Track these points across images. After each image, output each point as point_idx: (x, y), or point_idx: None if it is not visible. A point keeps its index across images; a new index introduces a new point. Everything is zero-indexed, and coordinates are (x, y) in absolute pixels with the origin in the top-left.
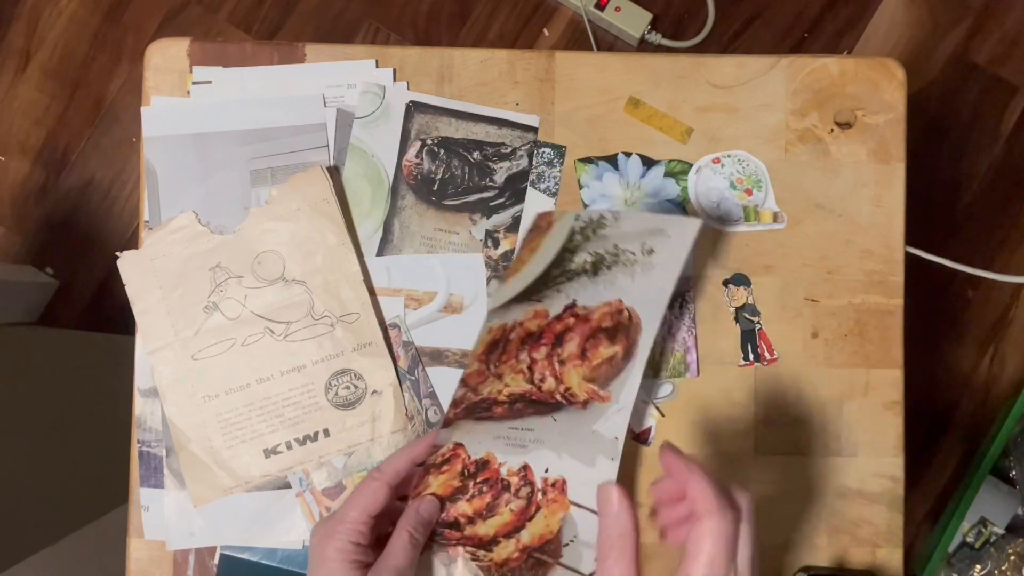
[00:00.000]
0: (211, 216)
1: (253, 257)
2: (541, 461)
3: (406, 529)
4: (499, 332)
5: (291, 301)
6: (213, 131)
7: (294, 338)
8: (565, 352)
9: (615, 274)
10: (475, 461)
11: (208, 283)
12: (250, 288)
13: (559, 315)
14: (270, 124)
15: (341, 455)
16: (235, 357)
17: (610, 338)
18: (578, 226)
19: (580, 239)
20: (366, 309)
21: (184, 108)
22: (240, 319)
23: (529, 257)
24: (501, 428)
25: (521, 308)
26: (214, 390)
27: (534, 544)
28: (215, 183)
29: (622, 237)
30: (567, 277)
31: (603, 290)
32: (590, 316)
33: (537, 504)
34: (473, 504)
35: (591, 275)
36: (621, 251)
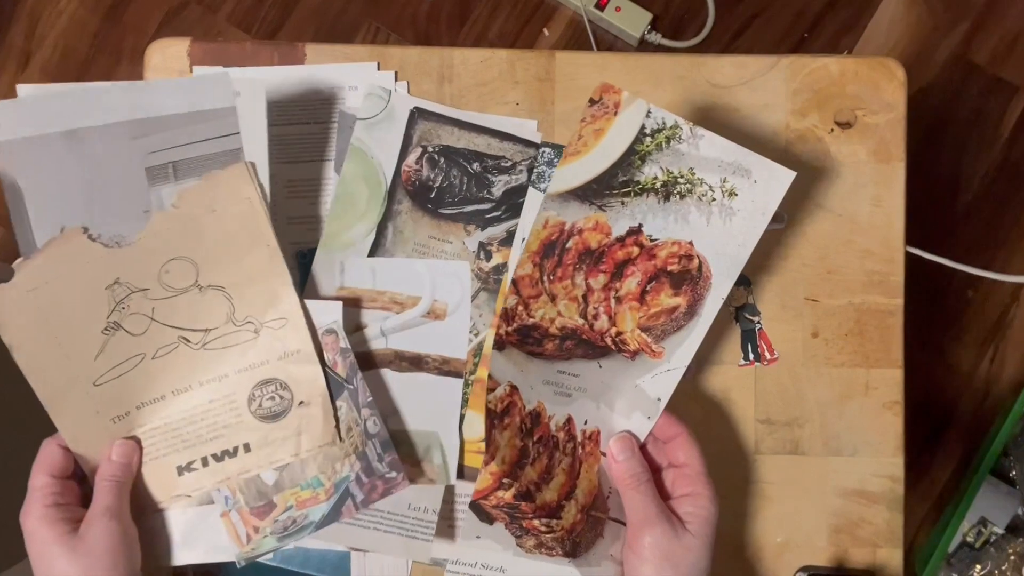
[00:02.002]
0: (102, 227)
1: (160, 266)
2: (582, 412)
3: (103, 478)
4: (556, 231)
5: (207, 308)
6: (90, 125)
7: (213, 346)
8: (624, 288)
9: (688, 207)
10: (530, 413)
11: (106, 303)
12: (158, 299)
13: (622, 238)
14: (165, 111)
15: (270, 471)
16: (145, 372)
17: (675, 285)
18: (650, 125)
19: (651, 144)
20: (294, 314)
21: (47, 100)
22: (148, 332)
23: (593, 141)
24: (550, 371)
25: (581, 209)
26: (123, 408)
27: (588, 502)
28: (102, 187)
29: (700, 162)
30: (635, 191)
31: (673, 223)
32: (656, 252)
33: (579, 459)
34: (536, 468)
35: (662, 199)
36: (697, 180)
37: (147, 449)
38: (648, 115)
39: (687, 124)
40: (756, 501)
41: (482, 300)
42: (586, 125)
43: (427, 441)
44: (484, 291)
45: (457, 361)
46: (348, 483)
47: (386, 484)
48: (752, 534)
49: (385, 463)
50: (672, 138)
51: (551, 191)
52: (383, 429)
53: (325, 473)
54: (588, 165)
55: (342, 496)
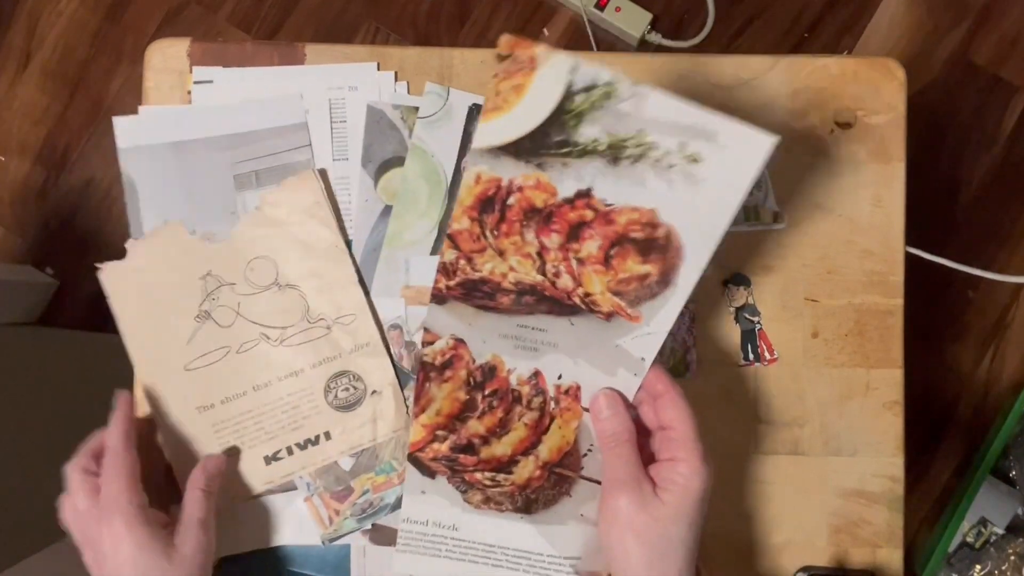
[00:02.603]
0: (198, 224)
1: (245, 263)
2: (554, 366)
3: (197, 488)
4: (492, 186)
5: (285, 306)
6: (191, 138)
7: (290, 343)
8: (584, 251)
9: (643, 172)
10: (481, 367)
11: (199, 292)
12: (243, 295)
13: (570, 199)
14: (249, 127)
15: (346, 457)
16: (230, 365)
17: (642, 253)
18: (580, 82)
19: (583, 103)
20: (362, 310)
21: (159, 117)
22: (234, 326)
23: (514, 97)
24: (508, 324)
25: (516, 166)
26: (209, 400)
27: (553, 459)
28: (198, 191)
29: (650, 124)
30: (576, 152)
31: (629, 188)
32: (614, 217)
33: (551, 415)
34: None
35: (610, 162)
36: (649, 143)
37: (233, 442)
38: (573, 71)
39: (626, 81)
40: (756, 501)
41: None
42: (501, 80)
43: None
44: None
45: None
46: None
47: None
48: (752, 534)
49: None
50: (610, 96)
51: (477, 146)
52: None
53: (397, 459)
54: (514, 122)
55: None
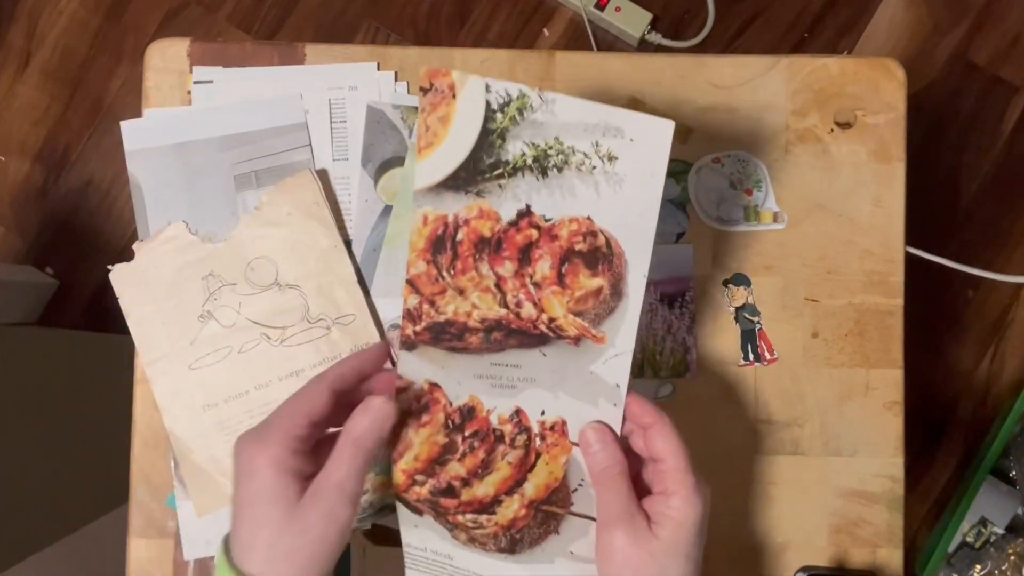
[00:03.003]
0: (200, 224)
1: (246, 264)
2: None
3: (355, 438)
4: (439, 225)
5: (286, 306)
6: (193, 139)
7: (291, 343)
8: (538, 273)
9: (570, 180)
10: (458, 409)
11: (202, 292)
12: (244, 295)
13: (514, 222)
14: (250, 128)
15: None
16: (232, 365)
17: (589, 266)
18: (495, 100)
19: (504, 120)
20: (361, 310)
21: (164, 119)
22: (235, 326)
23: (442, 129)
24: (481, 364)
25: (458, 200)
26: (213, 399)
27: (540, 496)
28: (200, 191)
29: (564, 129)
30: (507, 171)
31: (561, 199)
32: (556, 232)
33: (536, 451)
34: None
35: (539, 175)
36: (569, 149)
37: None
38: (488, 90)
39: (533, 91)
40: (756, 501)
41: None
42: (428, 115)
43: None
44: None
45: None
46: None
47: None
48: (752, 534)
49: None
50: (523, 108)
51: (418, 187)
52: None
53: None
54: (446, 154)
55: None
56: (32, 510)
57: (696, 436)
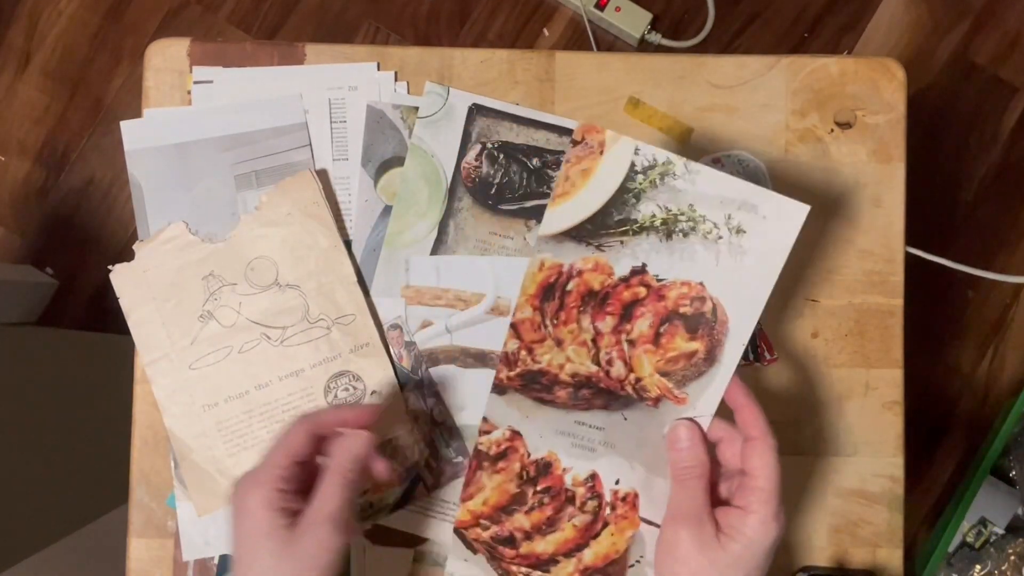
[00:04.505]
0: (200, 224)
1: (246, 264)
2: (612, 470)
3: (337, 470)
4: (553, 273)
5: (286, 306)
6: (194, 139)
7: (291, 343)
8: (635, 331)
9: (694, 246)
10: (536, 462)
11: (202, 292)
12: (244, 295)
13: (626, 278)
14: (250, 128)
15: None
16: (233, 364)
17: (689, 329)
18: (640, 162)
19: (644, 182)
20: (361, 310)
21: (164, 119)
22: (236, 326)
23: (581, 181)
24: (566, 421)
25: (577, 250)
26: (213, 399)
27: (597, 565)
28: (201, 191)
29: (700, 199)
30: (633, 229)
31: (679, 263)
32: (665, 292)
33: (605, 520)
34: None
35: (663, 237)
36: (700, 217)
37: (236, 440)
38: (637, 152)
39: (681, 160)
40: None
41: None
42: (572, 166)
43: None
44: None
45: None
46: (419, 468)
47: (454, 468)
48: None
49: (452, 449)
50: (666, 174)
51: (543, 233)
52: (449, 417)
53: (396, 459)
54: (579, 206)
55: (414, 481)
56: (32, 510)
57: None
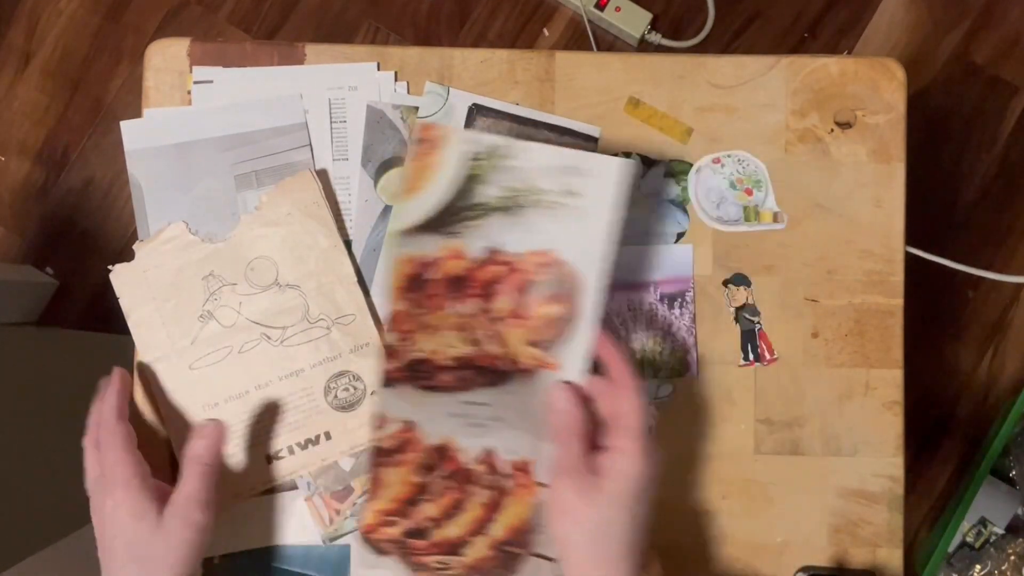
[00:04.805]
0: (200, 224)
1: (246, 264)
2: (504, 443)
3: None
4: (416, 266)
5: (286, 306)
6: (193, 139)
7: (291, 343)
8: (499, 308)
9: (538, 216)
10: (434, 447)
11: (202, 292)
12: (244, 295)
13: (482, 260)
14: (250, 128)
15: (346, 457)
16: (233, 365)
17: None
18: (475, 150)
19: (484, 165)
20: (361, 310)
21: (164, 119)
22: (236, 326)
23: (426, 176)
24: (454, 403)
25: (433, 240)
26: (213, 399)
27: (507, 537)
28: (201, 191)
29: (535, 173)
30: (480, 213)
31: (527, 235)
32: (520, 266)
33: (506, 492)
34: (439, 504)
35: (509, 214)
36: (537, 189)
37: (236, 440)
38: (472, 142)
39: (510, 141)
40: (756, 501)
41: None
42: (415, 163)
43: None
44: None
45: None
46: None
47: None
48: (752, 534)
49: None
50: (501, 157)
51: (396, 229)
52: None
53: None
54: (428, 199)
55: None
56: (32, 510)
57: (696, 436)
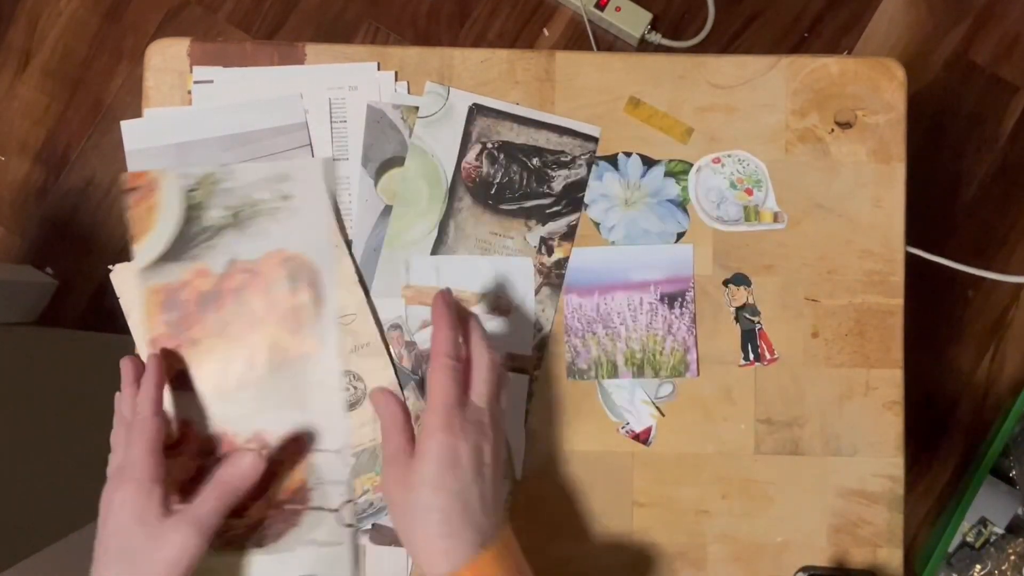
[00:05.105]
0: None
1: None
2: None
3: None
4: (165, 292)
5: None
6: (194, 139)
7: None
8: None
9: (264, 223)
10: (209, 437)
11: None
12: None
13: (225, 273)
14: (250, 127)
15: (348, 457)
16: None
17: (291, 286)
18: (189, 184)
19: (202, 195)
20: (362, 310)
21: (164, 119)
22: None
23: (151, 217)
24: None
25: (178, 267)
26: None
27: (285, 497)
28: None
29: (249, 187)
30: (211, 234)
31: (261, 240)
32: (260, 269)
33: (280, 462)
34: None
35: (238, 228)
36: (255, 201)
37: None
38: (182, 177)
39: (219, 167)
40: (756, 501)
41: (544, 295)
42: (136, 209)
43: None
44: (547, 286)
45: (522, 356)
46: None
47: None
48: (752, 534)
49: None
50: (214, 183)
51: (143, 265)
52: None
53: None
54: (159, 236)
55: None
56: (32, 510)
57: (696, 436)
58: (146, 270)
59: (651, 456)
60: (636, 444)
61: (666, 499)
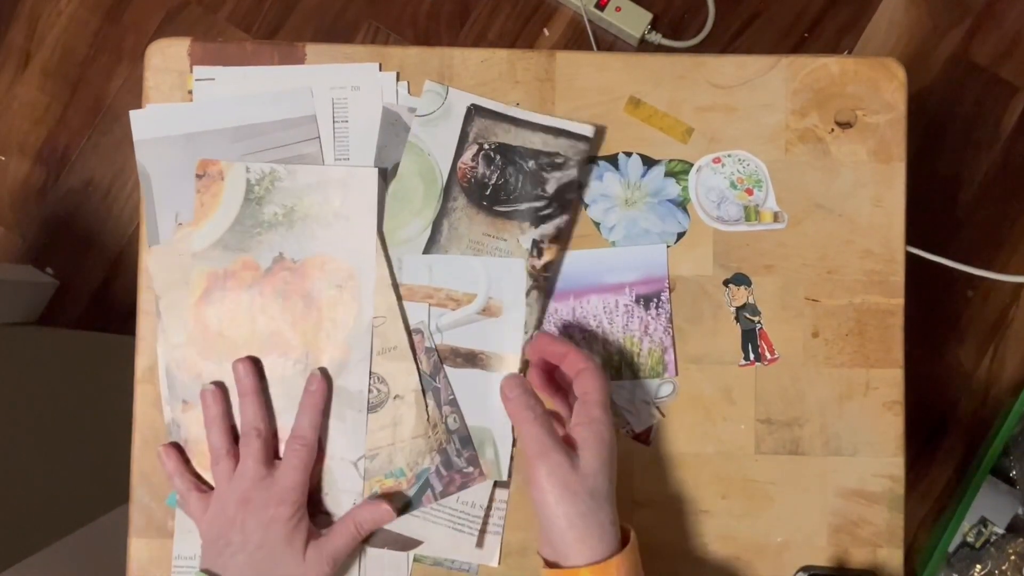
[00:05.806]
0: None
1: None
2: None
3: (354, 520)
4: (212, 280)
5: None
6: (204, 130)
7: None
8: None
9: (312, 226)
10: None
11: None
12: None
13: (270, 268)
14: (260, 119)
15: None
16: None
17: (334, 290)
18: (253, 178)
19: (261, 190)
20: (392, 312)
21: (173, 109)
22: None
23: (214, 203)
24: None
25: (228, 256)
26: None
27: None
28: None
29: (304, 189)
30: (264, 228)
31: (307, 243)
32: (303, 271)
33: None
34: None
35: (288, 227)
36: (308, 203)
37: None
38: (248, 171)
39: (281, 166)
40: (756, 501)
41: (533, 298)
42: (203, 194)
43: (480, 436)
44: (535, 289)
45: (511, 358)
46: (428, 475)
47: (463, 478)
48: (752, 534)
49: (464, 458)
50: (274, 179)
51: (196, 249)
52: (463, 426)
53: (408, 464)
54: (218, 222)
55: (423, 486)
56: (32, 510)
57: (696, 436)
58: (198, 255)
59: (651, 456)
60: (636, 444)
61: (666, 499)
